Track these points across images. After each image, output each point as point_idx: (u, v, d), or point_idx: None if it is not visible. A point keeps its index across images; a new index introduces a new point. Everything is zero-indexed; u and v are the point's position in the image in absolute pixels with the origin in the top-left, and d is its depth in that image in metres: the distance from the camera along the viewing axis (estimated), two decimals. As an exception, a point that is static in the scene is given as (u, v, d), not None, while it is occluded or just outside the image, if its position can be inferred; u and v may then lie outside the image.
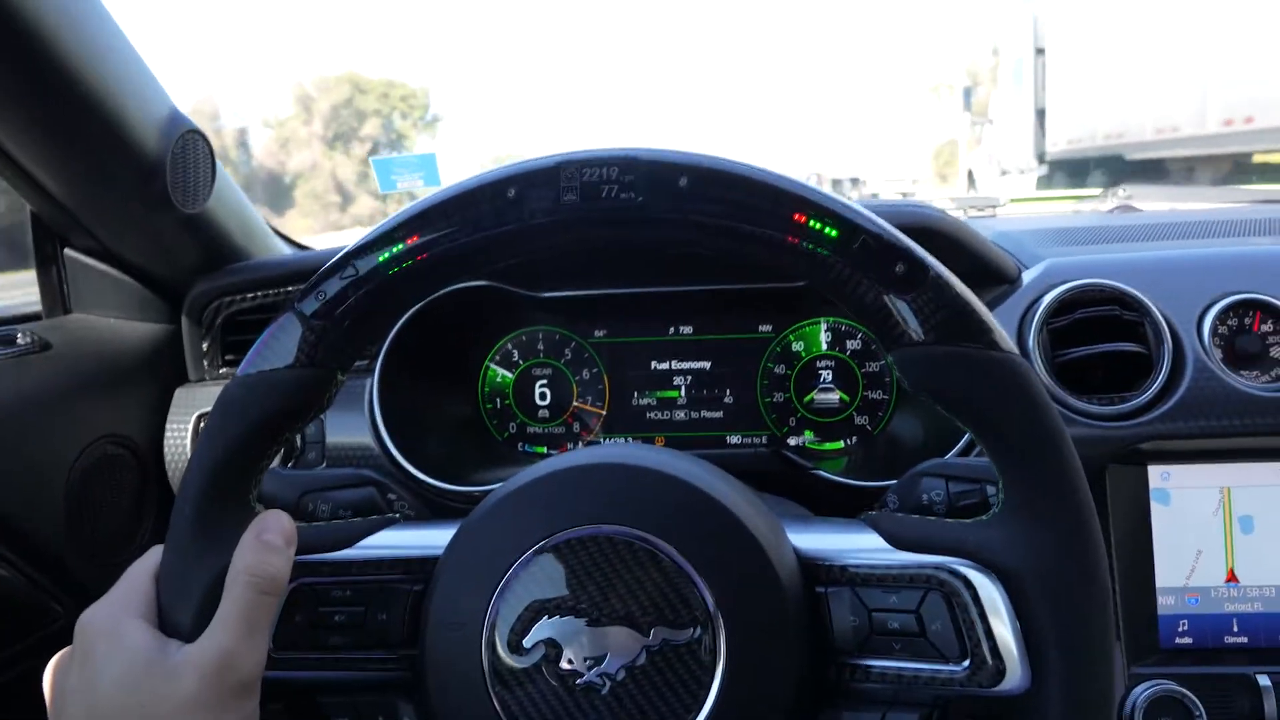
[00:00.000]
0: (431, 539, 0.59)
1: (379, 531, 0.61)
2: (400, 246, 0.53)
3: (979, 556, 0.52)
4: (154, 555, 0.58)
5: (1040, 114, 11.25)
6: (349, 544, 0.60)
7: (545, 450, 1.14)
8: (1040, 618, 0.50)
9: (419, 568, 0.59)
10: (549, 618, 0.52)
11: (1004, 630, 0.50)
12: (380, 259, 0.54)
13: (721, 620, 0.51)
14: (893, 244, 0.51)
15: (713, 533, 0.54)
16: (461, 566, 0.56)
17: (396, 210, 0.56)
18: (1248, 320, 0.91)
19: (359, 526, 0.61)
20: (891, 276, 0.50)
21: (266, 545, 0.55)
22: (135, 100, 0.92)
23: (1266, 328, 0.90)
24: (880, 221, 0.51)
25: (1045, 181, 11.14)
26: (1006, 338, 0.51)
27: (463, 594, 0.55)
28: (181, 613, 0.54)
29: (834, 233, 0.50)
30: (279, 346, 0.55)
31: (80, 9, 0.85)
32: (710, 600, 0.51)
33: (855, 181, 20.82)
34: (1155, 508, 0.89)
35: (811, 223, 0.50)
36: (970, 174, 14.74)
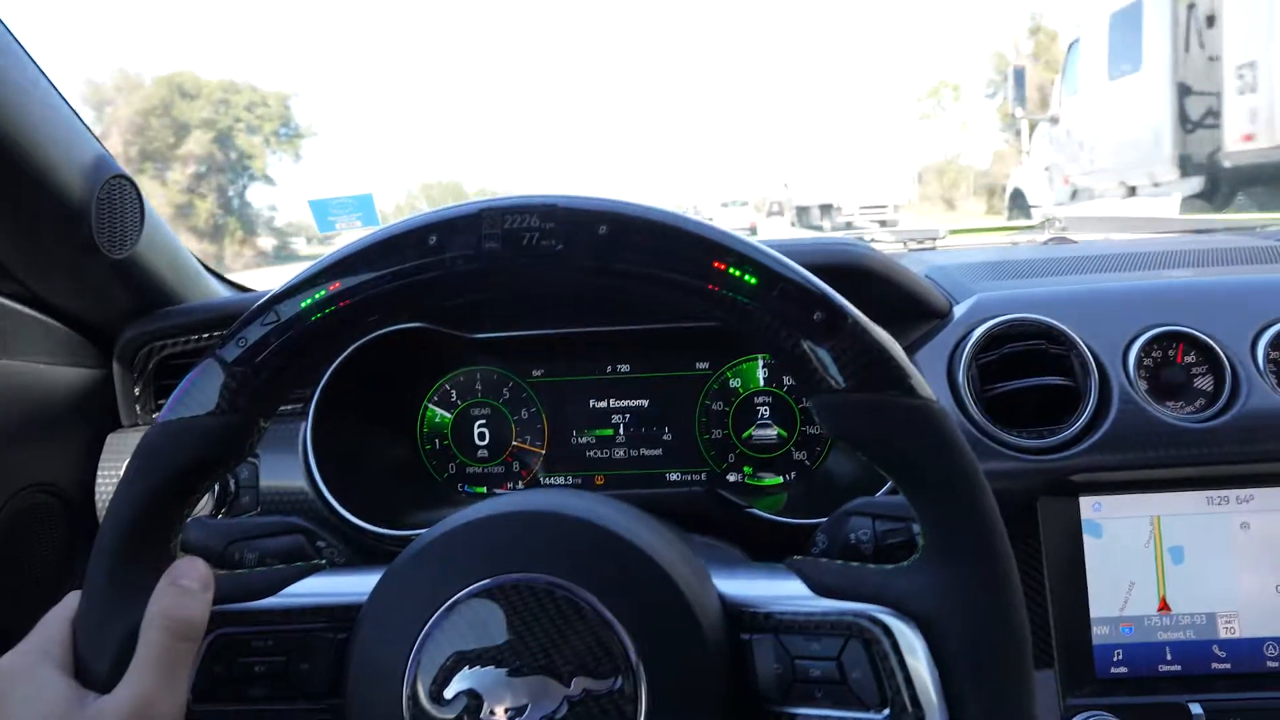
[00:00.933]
0: (356, 585, 0.59)
1: (303, 579, 0.60)
2: (323, 292, 0.53)
3: (899, 604, 0.52)
4: (71, 601, 0.57)
5: (1183, 91, 7.27)
6: (271, 592, 0.59)
7: (485, 490, 1.13)
8: (957, 663, 0.50)
9: (343, 615, 0.58)
10: (470, 668, 0.51)
11: (924, 677, 0.50)
12: (303, 305, 0.53)
13: (643, 669, 0.50)
14: (811, 291, 0.51)
15: (635, 580, 0.53)
16: (384, 615, 0.55)
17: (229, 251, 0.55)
18: (1171, 352, 0.92)
19: (281, 574, 0.61)
20: (810, 324, 0.51)
21: (182, 590, 0.54)
22: (58, 145, 0.90)
23: (1189, 359, 0.92)
24: (798, 269, 0.52)
25: (1202, 202, 7.20)
26: (924, 383, 0.51)
27: (385, 643, 0.54)
28: (98, 662, 0.53)
29: (753, 280, 0.51)
30: (199, 393, 0.54)
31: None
32: (632, 649, 0.51)
33: (827, 209, 20.28)
34: (1088, 538, 0.89)
35: (731, 270, 0.51)
36: (1016, 195, 11.16)
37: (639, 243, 0.51)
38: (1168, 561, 0.89)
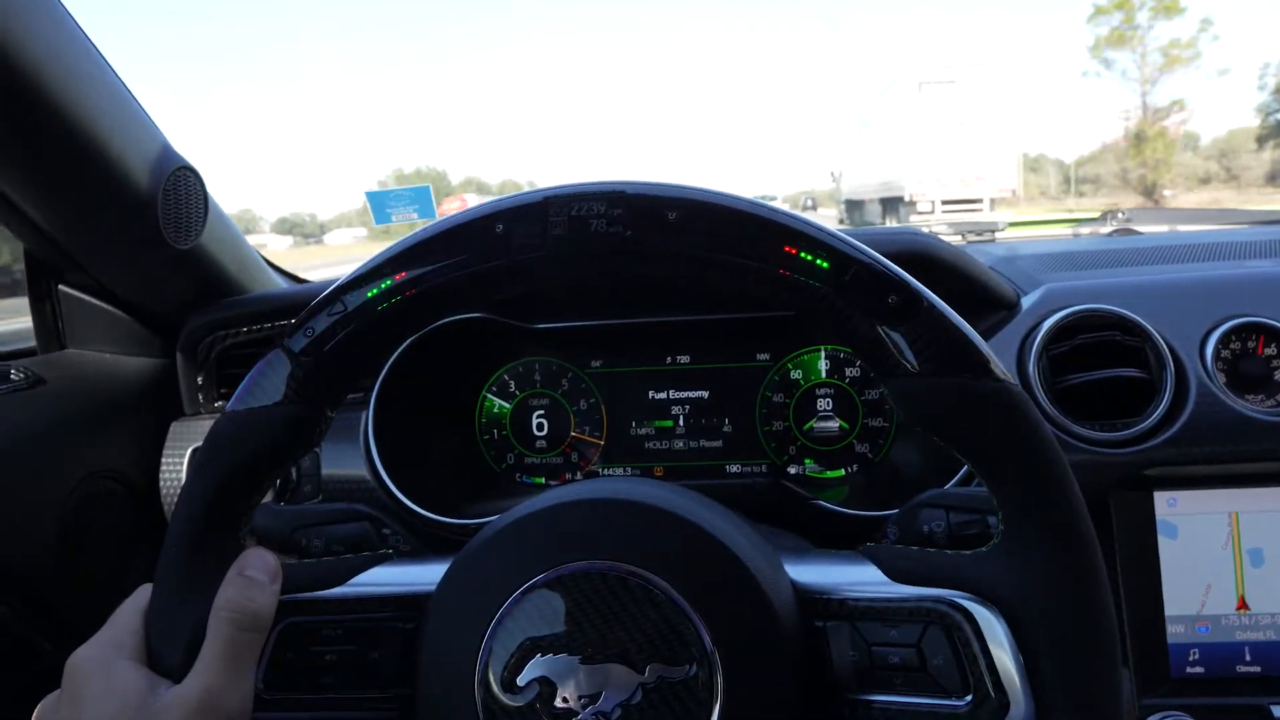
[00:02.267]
0: (423, 576, 0.58)
1: (370, 568, 0.60)
2: (388, 282, 0.53)
3: (980, 589, 0.51)
4: (144, 594, 0.57)
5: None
6: (339, 581, 0.59)
7: (544, 481, 1.13)
8: (1043, 650, 0.49)
9: (411, 605, 0.57)
10: (543, 655, 0.51)
11: (1007, 664, 0.49)
12: (369, 295, 0.53)
13: (719, 657, 0.50)
14: (885, 275, 0.50)
15: (708, 568, 0.53)
16: (454, 603, 0.55)
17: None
18: (1251, 344, 0.90)
19: (349, 564, 0.61)
20: (884, 308, 0.50)
21: (249, 581, 0.54)
22: (125, 137, 0.91)
23: (1270, 351, 0.89)
24: (871, 253, 0.51)
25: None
26: (1002, 367, 0.50)
27: (456, 631, 0.53)
28: (170, 652, 0.53)
29: (825, 265, 0.50)
30: (267, 384, 0.54)
31: (67, 47, 0.85)
32: (707, 637, 0.50)
33: (892, 204, 18.19)
34: (1162, 532, 0.87)
35: (802, 255, 0.50)
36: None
37: (708, 228, 0.50)
38: (1246, 560, 0.87)
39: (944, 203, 17.51)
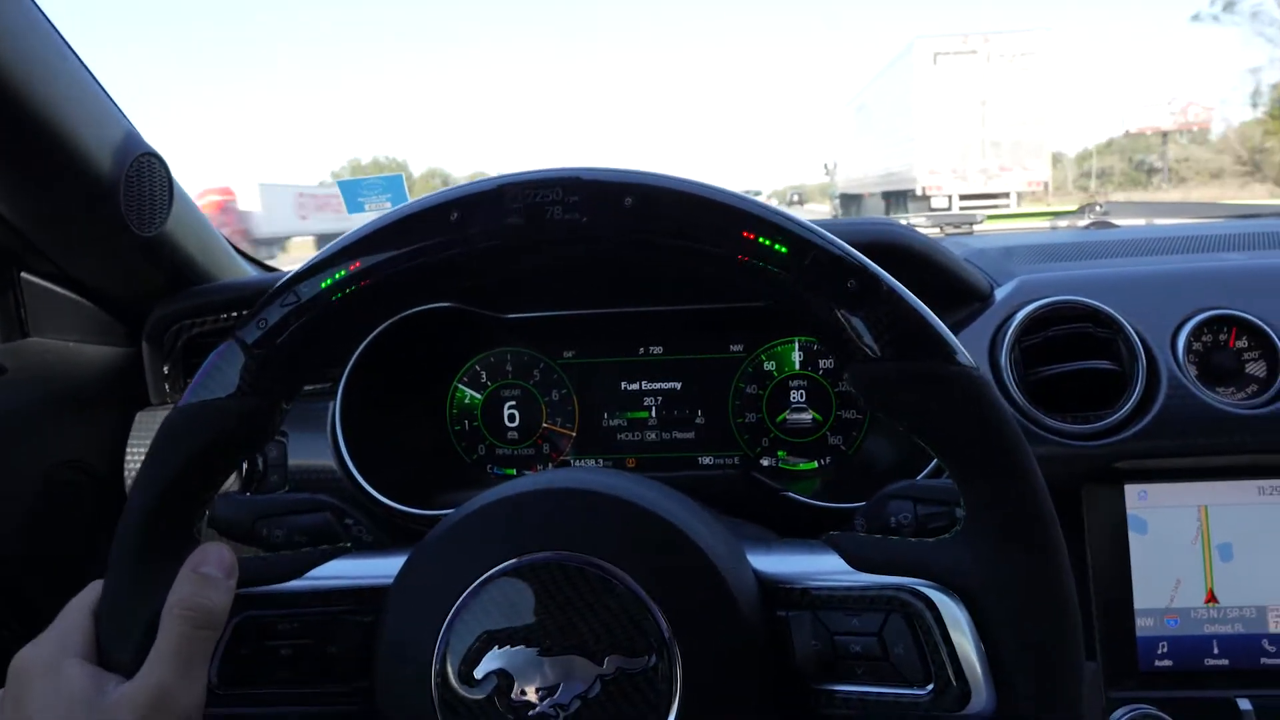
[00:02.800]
0: (382, 568, 0.58)
1: (329, 561, 0.60)
2: (342, 272, 0.53)
3: (941, 576, 0.51)
4: (93, 590, 0.57)
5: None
6: (296, 574, 0.58)
7: (515, 472, 1.12)
8: (1004, 638, 0.49)
9: (370, 597, 0.57)
10: (500, 647, 0.50)
11: (968, 652, 0.49)
12: (323, 285, 0.53)
13: (678, 647, 0.49)
14: (843, 259, 0.50)
15: (667, 557, 0.52)
16: (411, 596, 0.54)
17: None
18: (1222, 337, 0.90)
19: (307, 557, 0.60)
20: (844, 292, 0.49)
21: (203, 579, 0.53)
22: (86, 122, 0.90)
23: (1241, 344, 0.89)
24: (830, 236, 0.50)
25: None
26: (964, 351, 0.50)
27: (413, 624, 0.53)
28: (121, 649, 0.53)
29: (783, 249, 0.50)
30: (221, 375, 0.54)
31: (25, 30, 0.83)
32: (665, 627, 0.50)
33: (898, 199, 16.45)
34: (1132, 527, 0.87)
35: (761, 240, 0.50)
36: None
37: (666, 214, 0.50)
38: (1215, 554, 0.87)
39: (962, 198, 15.32)
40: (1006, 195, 15.51)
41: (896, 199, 16.74)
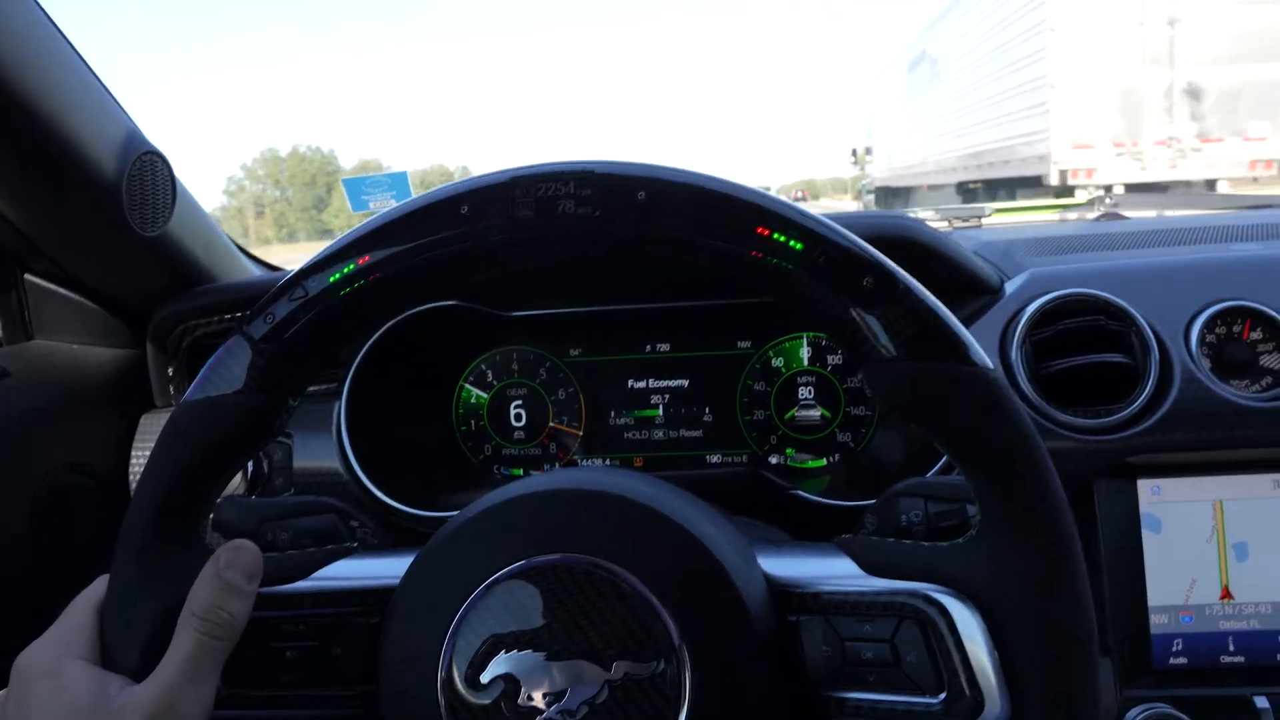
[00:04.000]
0: (389, 569, 0.57)
1: (335, 562, 0.59)
2: (352, 266, 0.52)
3: (955, 582, 0.50)
4: (97, 588, 0.56)
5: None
6: (302, 575, 0.58)
7: (522, 472, 1.12)
8: (1018, 645, 0.48)
9: (376, 599, 0.56)
10: (506, 651, 0.50)
11: (982, 659, 0.48)
12: (331, 279, 0.52)
13: (687, 652, 0.49)
14: (859, 256, 0.49)
15: (677, 560, 0.51)
16: (417, 598, 0.54)
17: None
18: (1236, 328, 0.89)
19: (313, 557, 0.59)
20: (858, 290, 0.48)
21: (226, 585, 0.52)
22: (88, 121, 0.89)
23: (1256, 335, 0.88)
24: (846, 233, 0.49)
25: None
26: (980, 351, 0.49)
27: (418, 627, 0.52)
28: (127, 651, 0.52)
29: (798, 245, 0.49)
30: (226, 372, 0.53)
31: (27, 27, 0.83)
32: (675, 631, 0.49)
33: (970, 192, 11.32)
34: (1146, 524, 0.86)
35: (775, 235, 0.49)
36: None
37: (679, 209, 0.49)
38: (1230, 550, 0.86)
39: (1130, 189, 8.58)
40: (1212, 184, 9.41)
41: (1001, 188, 10.92)
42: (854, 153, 17.53)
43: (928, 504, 0.65)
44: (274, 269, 1.29)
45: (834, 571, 0.54)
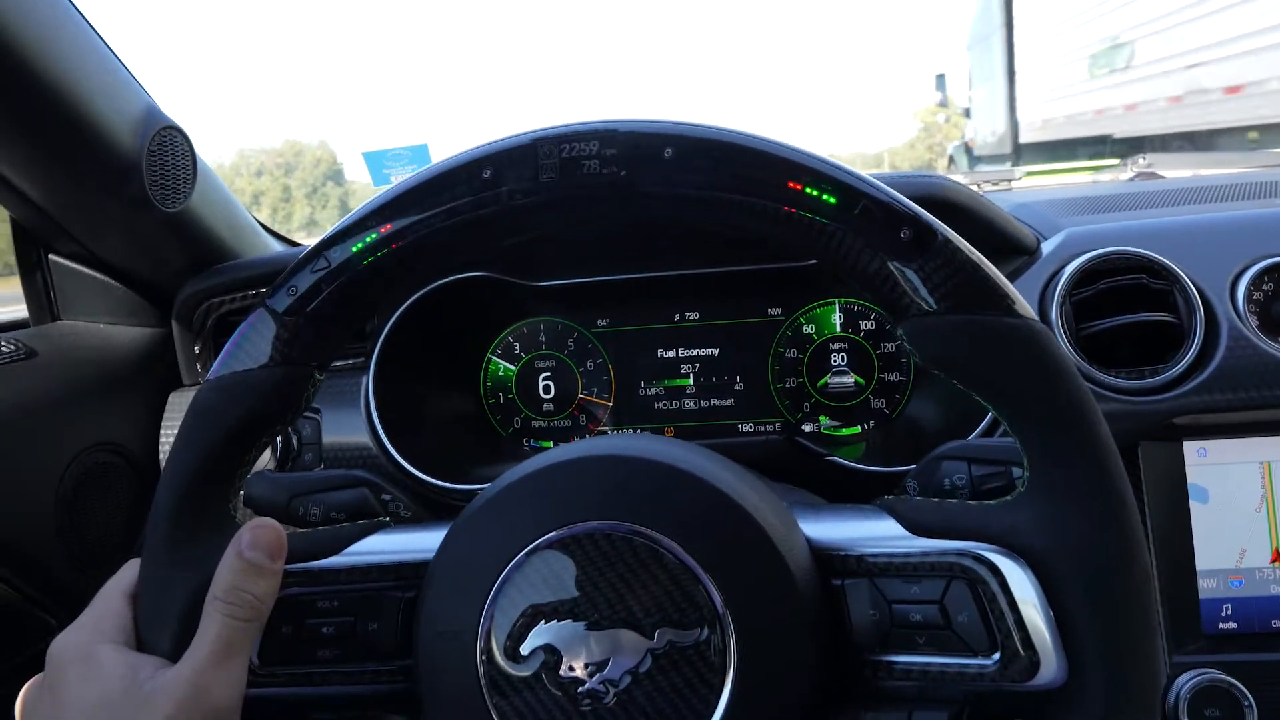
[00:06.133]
0: (422, 542, 0.56)
1: (367, 537, 0.58)
2: (373, 235, 0.51)
3: (1005, 540, 0.48)
4: (128, 572, 0.55)
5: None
6: (335, 551, 0.57)
7: (551, 444, 1.11)
8: (1075, 604, 0.46)
9: (410, 573, 0.55)
10: (546, 622, 0.49)
11: (1037, 619, 0.47)
12: (354, 249, 0.51)
13: (730, 619, 0.48)
14: (896, 208, 0.48)
15: (718, 526, 0.50)
16: (453, 571, 0.53)
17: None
18: (1284, 284, 0.86)
19: (345, 532, 0.58)
20: (897, 243, 0.47)
21: (249, 565, 0.52)
22: (106, 97, 0.88)
23: (1305, 291, 0.86)
24: (882, 186, 0.48)
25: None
26: (1024, 303, 0.47)
27: (455, 600, 0.51)
28: (160, 632, 0.52)
29: (832, 199, 0.47)
30: (251, 346, 0.52)
31: (43, 4, 0.82)
32: (718, 598, 0.48)
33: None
34: (1193, 485, 0.84)
35: (808, 190, 0.48)
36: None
37: (707, 166, 0.48)
38: (1280, 509, 0.84)
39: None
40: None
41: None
42: (939, 82, 11.80)
43: (971, 467, 0.63)
44: (295, 244, 1.28)
45: (878, 533, 0.52)
